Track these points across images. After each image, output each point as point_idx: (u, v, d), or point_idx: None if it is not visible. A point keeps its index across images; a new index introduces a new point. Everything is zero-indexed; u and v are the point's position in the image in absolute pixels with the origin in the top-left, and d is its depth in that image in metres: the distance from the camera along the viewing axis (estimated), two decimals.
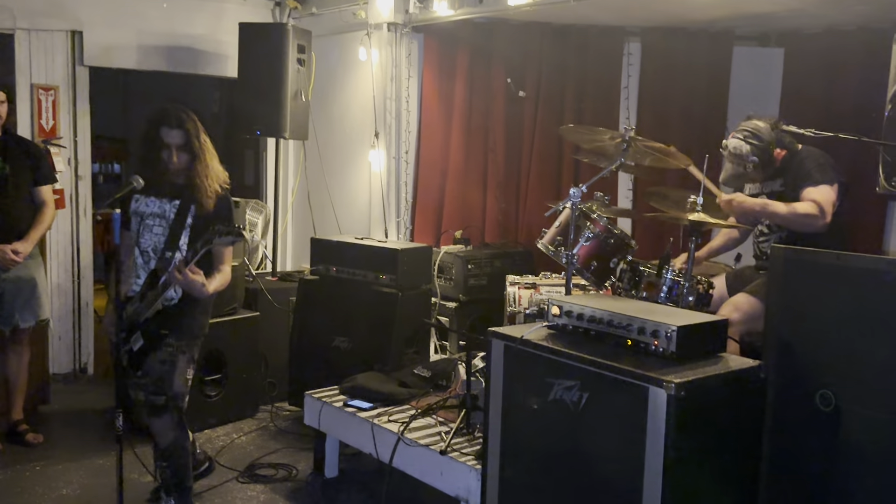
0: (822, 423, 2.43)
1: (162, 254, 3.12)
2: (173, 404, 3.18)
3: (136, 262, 3.19)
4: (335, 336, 4.42)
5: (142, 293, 3.14)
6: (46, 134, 5.16)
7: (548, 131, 5.21)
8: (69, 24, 5.22)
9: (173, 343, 3.15)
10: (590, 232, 3.54)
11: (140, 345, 3.13)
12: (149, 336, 3.12)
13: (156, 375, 3.15)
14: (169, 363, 3.16)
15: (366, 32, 5.25)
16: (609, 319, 2.59)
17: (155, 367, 3.14)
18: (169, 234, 3.12)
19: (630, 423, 2.31)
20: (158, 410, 3.16)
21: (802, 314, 2.50)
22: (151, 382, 3.15)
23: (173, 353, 3.16)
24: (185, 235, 3.14)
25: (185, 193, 3.14)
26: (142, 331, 3.12)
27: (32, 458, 4.07)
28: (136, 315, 3.14)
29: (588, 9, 4.46)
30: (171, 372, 3.16)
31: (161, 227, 3.16)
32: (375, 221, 5.40)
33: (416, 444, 3.27)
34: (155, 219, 3.17)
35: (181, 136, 3.12)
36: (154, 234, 3.17)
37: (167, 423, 3.17)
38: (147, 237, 3.17)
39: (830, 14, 4.46)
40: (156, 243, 3.16)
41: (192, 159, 3.14)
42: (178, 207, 3.14)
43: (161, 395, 3.15)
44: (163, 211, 3.17)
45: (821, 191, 3.36)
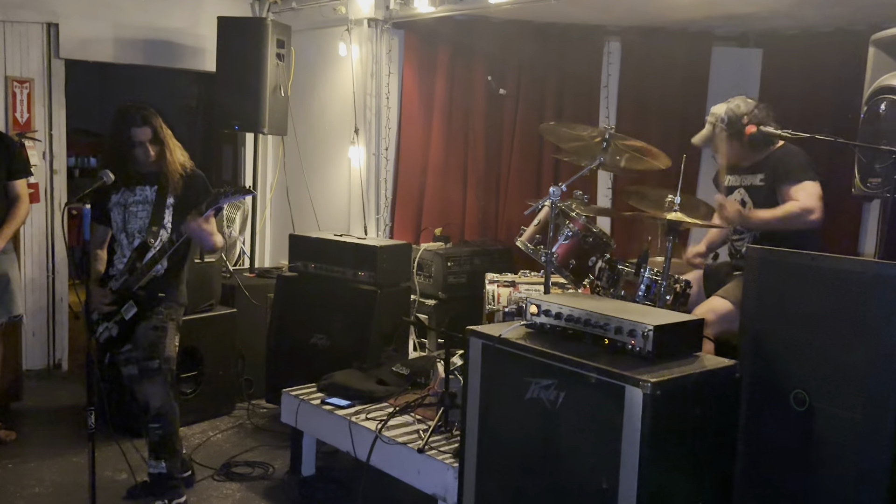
0: (796, 422, 2.45)
1: (148, 228, 3.43)
2: (166, 367, 3.42)
3: (122, 244, 3.51)
4: (313, 333, 4.40)
5: (129, 268, 3.43)
6: (21, 127, 5.08)
7: (528, 129, 5.22)
8: (45, 17, 5.14)
9: (163, 311, 3.46)
10: (569, 230, 3.55)
11: (133, 312, 3.41)
12: (142, 302, 3.42)
13: (148, 342, 3.40)
14: (161, 329, 3.44)
15: (346, 28, 5.22)
16: (587, 318, 2.60)
17: (147, 334, 3.41)
18: (153, 213, 3.46)
19: (606, 422, 2.31)
20: (152, 374, 3.39)
21: (777, 314, 2.52)
22: (144, 348, 3.39)
23: (163, 320, 3.45)
24: (169, 214, 3.46)
25: (161, 179, 3.48)
26: (135, 299, 3.41)
27: (4, 456, 4.01)
28: (126, 286, 3.42)
29: (568, 7, 4.47)
30: (163, 337, 3.43)
31: (145, 210, 3.47)
32: (355, 218, 5.38)
33: (394, 442, 3.26)
34: (138, 205, 3.48)
35: (150, 131, 3.43)
36: (139, 217, 3.48)
37: (160, 385, 3.40)
38: (133, 222, 3.48)
39: (808, 15, 4.50)
40: (142, 224, 3.47)
41: (162, 148, 3.47)
42: (157, 191, 3.48)
43: (155, 360, 3.39)
44: (144, 197, 3.49)
45: (807, 187, 3.41)
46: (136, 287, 3.41)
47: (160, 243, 3.41)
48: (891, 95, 3.26)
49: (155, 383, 3.39)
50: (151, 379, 3.39)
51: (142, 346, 3.39)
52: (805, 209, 3.38)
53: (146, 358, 3.38)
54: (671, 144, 4.60)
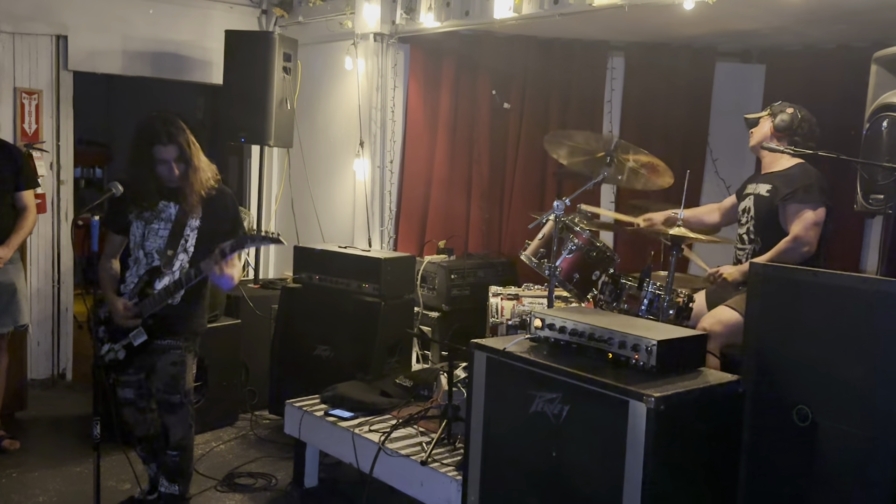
0: (799, 437, 2.46)
1: (164, 252, 3.27)
2: (187, 400, 3.38)
3: (138, 261, 3.32)
4: (317, 344, 4.42)
5: (139, 291, 3.28)
6: (29, 138, 5.12)
7: (532, 143, 5.24)
8: (54, 29, 5.20)
9: (182, 344, 3.34)
10: (572, 244, 3.57)
11: (142, 340, 3.28)
12: (151, 331, 3.28)
13: (169, 376, 3.32)
14: (180, 364, 3.34)
15: (352, 42, 5.26)
16: (590, 333, 2.62)
17: (167, 369, 3.32)
18: (170, 235, 3.28)
19: (610, 436, 2.33)
20: (174, 408, 3.36)
21: (780, 330, 2.53)
22: (166, 383, 3.33)
23: (182, 354, 3.35)
24: (193, 238, 3.30)
25: (183, 196, 3.26)
26: (144, 325, 3.27)
27: (9, 465, 4.02)
28: (137, 311, 3.27)
29: (572, 23, 4.50)
30: (182, 371, 3.35)
31: (165, 230, 3.29)
32: (359, 230, 5.41)
33: (397, 455, 3.27)
34: (160, 223, 3.30)
35: (176, 150, 3.20)
36: (159, 236, 3.30)
37: (182, 417, 3.38)
38: (152, 240, 3.30)
39: (811, 32, 4.53)
40: (160, 245, 3.30)
41: (188, 166, 3.24)
42: (179, 210, 3.29)
43: (176, 394, 3.34)
44: (168, 216, 3.30)
45: (804, 217, 3.45)
46: (147, 315, 3.26)
47: (178, 270, 3.25)
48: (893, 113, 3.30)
49: (177, 416, 3.37)
50: (174, 412, 3.37)
51: (162, 380, 3.33)
52: (798, 241, 3.43)
53: (167, 392, 3.33)
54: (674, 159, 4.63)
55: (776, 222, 3.55)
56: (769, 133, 3.63)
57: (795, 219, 3.46)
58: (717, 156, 5.14)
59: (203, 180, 3.25)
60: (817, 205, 3.46)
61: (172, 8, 5.65)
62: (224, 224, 3.33)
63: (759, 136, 3.67)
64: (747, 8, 3.95)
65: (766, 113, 3.71)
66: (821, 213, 3.46)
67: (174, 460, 3.43)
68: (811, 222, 3.43)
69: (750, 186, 3.78)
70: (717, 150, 5.16)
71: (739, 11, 4.03)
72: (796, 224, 3.45)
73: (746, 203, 3.74)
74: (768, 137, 3.61)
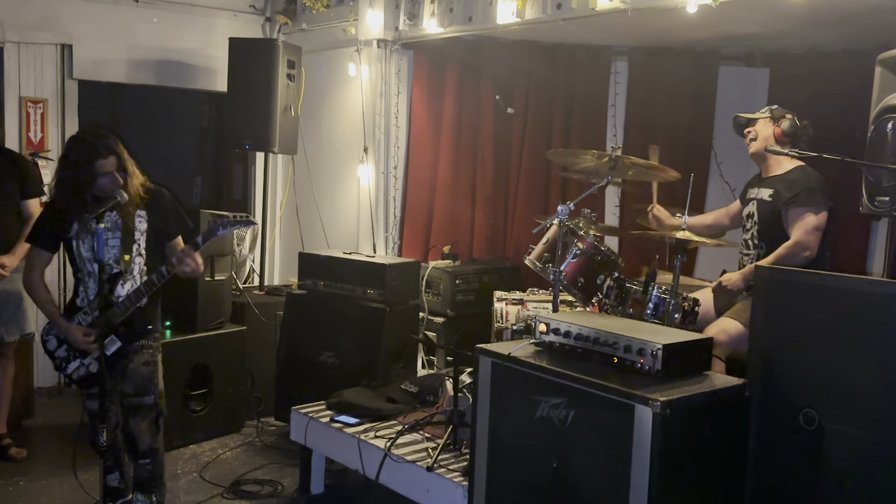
0: (806, 441, 2.45)
1: (121, 258, 3.25)
2: (160, 401, 3.33)
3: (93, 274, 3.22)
4: (322, 351, 4.42)
5: (102, 301, 3.20)
6: (34, 147, 5.15)
7: (536, 148, 5.25)
8: (59, 38, 5.23)
9: (152, 344, 3.34)
10: (577, 249, 3.56)
11: (116, 347, 3.22)
12: (126, 336, 3.25)
13: (142, 378, 3.28)
14: (152, 363, 3.32)
15: (355, 49, 5.28)
16: (595, 337, 2.61)
17: (140, 370, 3.28)
18: (122, 241, 3.25)
19: (616, 440, 2.32)
20: (146, 410, 3.28)
21: (786, 333, 2.52)
22: (138, 385, 3.27)
23: (153, 354, 3.34)
24: (142, 240, 3.29)
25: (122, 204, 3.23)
26: (117, 333, 3.22)
27: (16, 473, 4.03)
28: (105, 320, 3.19)
29: (576, 28, 4.51)
30: (154, 372, 3.32)
31: (116, 238, 3.24)
32: (364, 236, 5.41)
33: (403, 461, 3.26)
34: (108, 232, 3.24)
35: (115, 160, 3.22)
36: (111, 246, 3.25)
37: (152, 421, 3.31)
38: (106, 251, 3.23)
39: (815, 35, 4.53)
40: (115, 254, 3.25)
41: (126, 174, 3.26)
42: (123, 218, 3.26)
43: (150, 396, 3.29)
44: (114, 223, 3.25)
45: (806, 220, 3.44)
46: (118, 321, 3.21)
47: (138, 272, 3.26)
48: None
49: (147, 420, 3.28)
50: (144, 416, 3.27)
51: (134, 382, 3.26)
52: (798, 245, 3.42)
53: (139, 394, 3.26)
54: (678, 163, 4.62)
55: (780, 227, 3.55)
56: (774, 137, 3.62)
57: (797, 223, 3.45)
58: (722, 159, 5.14)
59: (136, 185, 3.27)
60: (819, 208, 3.46)
61: (176, 17, 5.67)
62: (169, 221, 3.35)
63: (763, 141, 3.65)
64: (750, 12, 3.95)
65: (765, 116, 3.69)
66: (822, 216, 3.46)
67: (147, 469, 3.32)
68: (812, 226, 3.43)
69: (752, 191, 3.77)
70: (721, 154, 5.15)
71: (743, 15, 4.03)
72: (797, 228, 3.45)
73: (750, 208, 3.73)
74: (773, 141, 3.61)
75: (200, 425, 4.52)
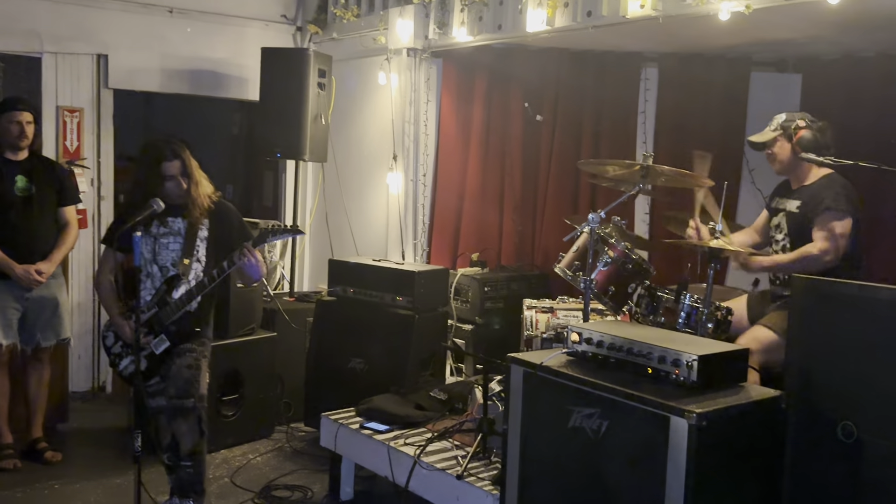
0: (844, 454, 2.41)
1: (180, 261, 3.43)
2: (200, 405, 3.38)
3: (152, 276, 3.46)
4: (351, 357, 4.44)
5: (159, 300, 3.42)
6: (71, 155, 5.24)
7: (565, 155, 5.23)
8: (95, 48, 5.32)
9: (197, 348, 3.43)
10: (607, 257, 3.55)
11: (165, 347, 3.39)
12: (173, 337, 3.41)
13: (183, 380, 3.36)
14: (195, 367, 3.39)
15: (385, 57, 5.31)
16: (629, 347, 2.60)
17: (182, 372, 3.37)
18: (185, 245, 3.46)
19: (651, 452, 2.30)
20: (186, 412, 3.35)
21: (823, 344, 2.49)
22: (179, 387, 3.35)
23: (197, 358, 3.41)
24: (203, 247, 3.48)
25: (190, 211, 3.48)
26: (166, 334, 3.40)
27: (51, 477, 4.09)
28: (157, 320, 3.41)
29: (605, 35, 4.49)
30: (197, 375, 3.39)
31: (177, 242, 3.46)
32: (393, 243, 5.43)
33: (433, 468, 3.27)
34: (169, 237, 3.47)
35: (180, 164, 3.44)
36: (171, 250, 3.46)
37: (194, 423, 3.37)
38: (165, 254, 3.46)
39: (849, 40, 4.47)
40: (174, 257, 3.46)
41: (191, 181, 3.47)
42: (188, 224, 3.48)
43: (190, 398, 3.35)
44: (177, 229, 3.47)
45: (831, 226, 3.38)
46: (169, 322, 3.40)
47: (194, 277, 3.42)
48: None
49: (189, 422, 3.35)
50: (186, 418, 3.34)
51: (176, 384, 3.35)
52: (821, 251, 3.36)
53: (180, 396, 3.33)
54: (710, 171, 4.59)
55: (810, 238, 3.49)
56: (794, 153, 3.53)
57: (821, 228, 3.39)
58: (754, 166, 5.07)
59: (203, 194, 3.47)
60: (844, 214, 3.39)
61: (209, 27, 5.75)
62: (231, 233, 3.50)
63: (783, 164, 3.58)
64: (783, 17, 3.90)
65: (777, 134, 3.58)
66: (847, 223, 3.39)
67: (188, 471, 3.40)
68: (836, 232, 3.36)
69: (779, 201, 3.70)
70: (753, 161, 5.08)
71: (775, 21, 3.99)
72: (821, 233, 3.38)
73: (778, 220, 3.67)
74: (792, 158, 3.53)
75: (231, 430, 4.56)
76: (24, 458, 4.23)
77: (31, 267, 4.09)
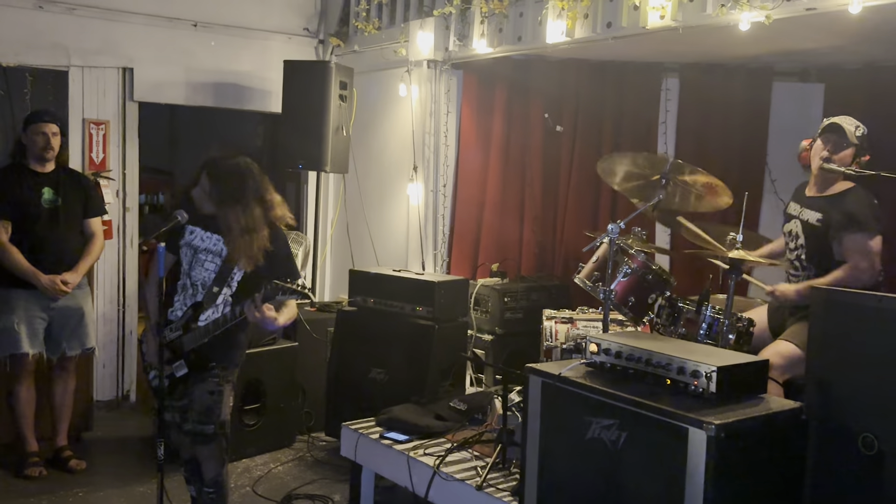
0: (865, 466, 2.39)
1: (209, 289, 3.26)
2: (221, 431, 3.29)
3: (185, 289, 3.32)
4: (372, 367, 4.45)
5: (184, 324, 3.27)
6: (96, 167, 5.32)
7: (585, 166, 5.23)
8: (121, 62, 5.41)
9: (219, 374, 3.28)
10: (627, 267, 3.54)
11: (183, 372, 3.26)
12: (193, 364, 3.27)
13: (204, 406, 3.25)
14: (217, 393, 3.27)
15: (406, 69, 5.35)
16: (648, 358, 2.59)
17: (203, 398, 3.25)
18: (220, 272, 3.26)
19: (669, 464, 2.29)
20: (208, 439, 3.27)
21: (844, 356, 2.47)
22: (199, 412, 3.25)
23: (219, 384, 3.28)
24: (238, 276, 3.27)
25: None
26: (186, 359, 3.26)
27: (75, 485, 4.15)
28: (180, 344, 3.27)
29: (626, 46, 4.49)
30: (219, 402, 3.27)
31: (214, 264, 3.28)
32: (413, 254, 5.46)
33: (452, 479, 3.27)
34: (207, 254, 3.29)
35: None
36: (206, 269, 3.29)
37: (215, 450, 3.29)
38: (198, 271, 3.29)
39: (872, 50, 4.44)
40: (205, 278, 3.28)
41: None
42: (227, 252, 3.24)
43: (210, 425, 3.25)
44: (218, 250, 3.27)
45: (863, 245, 3.34)
46: (189, 349, 3.25)
47: (223, 303, 3.24)
48: None
49: (210, 448, 3.28)
50: (206, 444, 3.27)
51: (197, 409, 3.25)
52: (858, 270, 3.33)
53: (200, 422, 3.24)
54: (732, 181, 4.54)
55: (829, 251, 3.46)
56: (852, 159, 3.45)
57: (854, 250, 3.35)
58: (776, 176, 5.05)
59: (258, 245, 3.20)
60: (874, 233, 3.35)
61: (233, 40, 5.83)
62: (276, 267, 3.23)
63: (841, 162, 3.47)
64: (804, 28, 3.89)
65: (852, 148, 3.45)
66: (878, 240, 3.36)
67: (210, 498, 3.35)
68: (872, 251, 3.33)
69: (795, 207, 3.65)
70: (776, 171, 5.06)
71: (796, 31, 3.97)
72: (856, 253, 3.34)
73: (792, 227, 3.62)
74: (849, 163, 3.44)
75: (253, 439, 4.59)
76: (50, 466, 4.29)
77: (56, 277, 4.16)
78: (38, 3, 5.10)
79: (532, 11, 4.64)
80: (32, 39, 5.11)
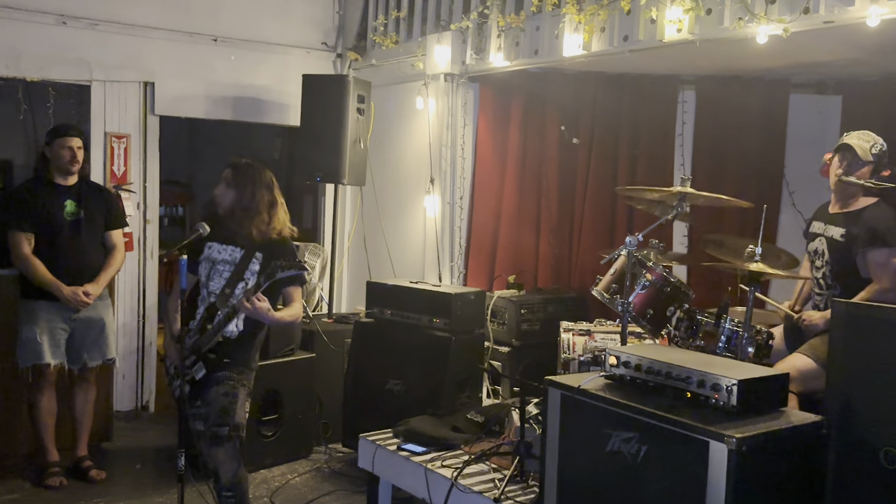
0: (886, 481, 2.37)
1: (222, 290, 3.39)
2: (236, 434, 3.34)
3: (203, 298, 3.46)
4: (389, 379, 4.47)
5: (201, 327, 3.39)
6: (118, 179, 5.39)
7: (601, 178, 5.24)
8: (142, 76, 5.48)
9: (234, 376, 3.39)
10: (645, 280, 3.54)
11: (202, 374, 3.35)
12: (210, 364, 3.36)
13: (220, 407, 3.33)
14: (231, 395, 3.36)
15: (423, 83, 5.39)
16: (668, 371, 2.59)
17: (219, 399, 3.34)
18: (231, 275, 3.40)
19: (690, 477, 2.29)
20: (222, 440, 3.32)
21: (865, 370, 2.46)
22: (215, 414, 3.32)
23: (234, 386, 3.37)
24: (253, 280, 3.35)
25: (248, 242, 3.43)
26: (203, 360, 3.36)
27: (95, 495, 4.18)
28: (197, 346, 3.39)
29: (642, 58, 4.51)
30: (233, 403, 3.35)
31: (228, 272, 3.43)
32: (430, 265, 5.47)
33: (470, 491, 3.26)
34: (224, 265, 3.45)
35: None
36: (222, 277, 3.44)
37: (230, 452, 3.33)
38: (216, 280, 3.44)
39: (889, 62, 4.42)
40: (221, 285, 3.43)
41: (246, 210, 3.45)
42: (243, 255, 3.43)
43: (225, 426, 3.32)
44: (233, 259, 3.44)
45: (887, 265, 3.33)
46: (206, 349, 3.36)
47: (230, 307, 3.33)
48: None
49: (225, 450, 3.31)
50: (221, 445, 3.31)
51: (213, 410, 3.32)
52: (885, 290, 3.32)
53: (216, 424, 3.31)
54: (749, 193, 4.56)
55: (853, 268, 3.44)
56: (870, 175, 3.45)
57: (880, 267, 3.34)
58: (794, 188, 5.03)
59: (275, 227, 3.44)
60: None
61: (253, 54, 5.90)
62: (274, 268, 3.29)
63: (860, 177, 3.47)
64: (822, 40, 3.89)
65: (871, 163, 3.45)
66: None
67: (230, 500, 3.37)
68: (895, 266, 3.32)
69: (818, 225, 3.65)
70: (794, 183, 5.05)
71: (814, 44, 3.97)
72: (882, 271, 3.33)
73: (818, 245, 3.62)
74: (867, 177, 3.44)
75: (271, 450, 4.61)
76: (70, 476, 4.33)
77: (78, 289, 4.20)
78: (62, 18, 5.18)
79: (549, 25, 4.67)
80: (55, 54, 5.19)
